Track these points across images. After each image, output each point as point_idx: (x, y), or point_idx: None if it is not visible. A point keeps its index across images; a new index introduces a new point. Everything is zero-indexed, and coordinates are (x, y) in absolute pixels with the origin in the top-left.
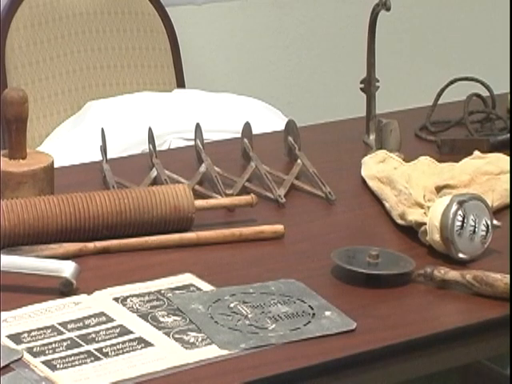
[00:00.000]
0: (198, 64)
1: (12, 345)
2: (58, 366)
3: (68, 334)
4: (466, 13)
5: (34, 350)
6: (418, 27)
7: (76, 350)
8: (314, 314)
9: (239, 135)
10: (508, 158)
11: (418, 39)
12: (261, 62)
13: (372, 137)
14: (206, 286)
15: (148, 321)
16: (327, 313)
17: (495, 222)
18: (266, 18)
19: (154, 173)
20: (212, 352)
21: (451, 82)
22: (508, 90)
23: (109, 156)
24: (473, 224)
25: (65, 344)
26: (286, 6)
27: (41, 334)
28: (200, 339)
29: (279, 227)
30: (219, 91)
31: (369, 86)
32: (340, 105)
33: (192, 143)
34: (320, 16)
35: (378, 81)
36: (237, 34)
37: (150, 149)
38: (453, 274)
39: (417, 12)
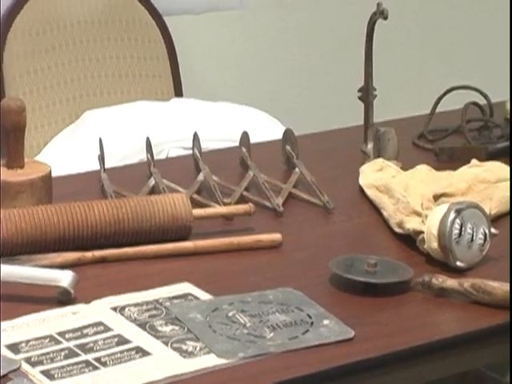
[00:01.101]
0: (196, 73)
1: (10, 354)
2: (56, 375)
3: (66, 344)
4: (462, 22)
5: (32, 359)
6: (415, 36)
7: (74, 360)
8: (312, 323)
9: (237, 144)
10: (506, 166)
11: (416, 48)
12: (259, 71)
13: (370, 145)
14: (203, 295)
15: (146, 330)
16: (325, 321)
17: (493, 230)
18: (263, 27)
19: (151, 182)
20: (210, 361)
21: (449, 91)
22: (505, 98)
23: (107, 165)
24: (470, 232)
25: (63, 353)
26: (284, 15)
27: (39, 344)
28: (198, 348)
29: (277, 236)
30: (217, 100)
31: (366, 94)
32: (338, 113)
33: (190, 152)
34: (318, 25)
35: (375, 89)
36: (235, 43)
37: (147, 158)
38: (451, 283)
39: (414, 21)
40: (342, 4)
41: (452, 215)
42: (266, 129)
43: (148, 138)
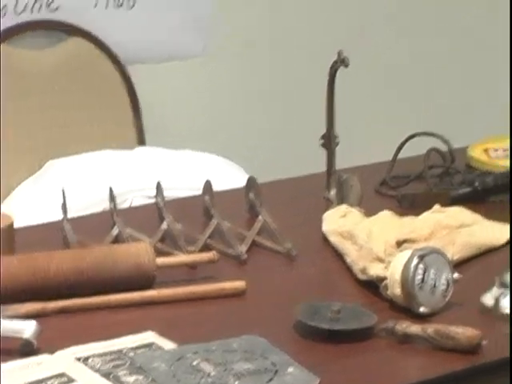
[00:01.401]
0: (159, 121)
1: None
2: None
3: None
4: (423, 69)
5: None
6: (376, 82)
7: None
8: (276, 371)
9: (201, 192)
10: (467, 212)
11: (377, 94)
12: (221, 118)
13: (333, 192)
14: (168, 344)
15: (110, 380)
16: (290, 369)
17: (456, 275)
18: (226, 74)
19: (115, 231)
20: None
21: (410, 137)
22: (466, 144)
23: (71, 215)
24: (433, 278)
25: None
26: (246, 62)
27: None
28: None
29: (241, 283)
30: (180, 148)
31: (329, 141)
32: (301, 160)
33: (154, 201)
34: (280, 71)
35: (337, 136)
36: (197, 91)
37: (111, 207)
38: (414, 328)
39: (375, 67)
40: (304, 51)
41: (415, 261)
42: (230, 176)
43: (111, 187)
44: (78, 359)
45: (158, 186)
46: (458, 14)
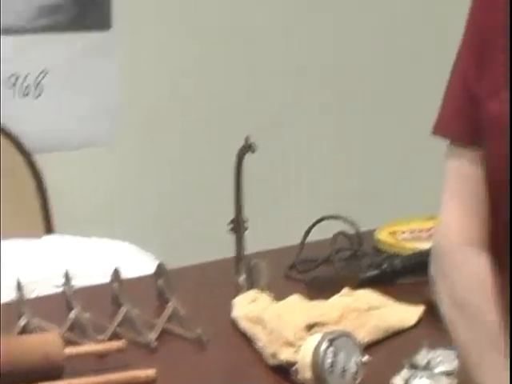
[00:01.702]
0: (67, 210)
1: None
2: None
3: None
4: (329, 152)
5: None
6: (284, 167)
7: None
8: None
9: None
10: (375, 295)
11: (286, 179)
12: (131, 205)
13: (242, 277)
14: None
15: None
16: None
17: (365, 357)
18: (134, 161)
19: (23, 321)
20: None
21: (319, 221)
22: (373, 227)
23: None
24: (343, 361)
25: None
26: (154, 149)
27: None
28: None
29: (151, 372)
30: (89, 236)
31: (238, 226)
32: (211, 245)
33: (62, 289)
34: (187, 157)
35: (246, 221)
36: (106, 178)
37: (18, 297)
38: None
39: (282, 151)
40: (213, 137)
41: (325, 344)
42: (138, 263)
43: (18, 277)
44: None
45: (66, 275)
46: (358, 91)
